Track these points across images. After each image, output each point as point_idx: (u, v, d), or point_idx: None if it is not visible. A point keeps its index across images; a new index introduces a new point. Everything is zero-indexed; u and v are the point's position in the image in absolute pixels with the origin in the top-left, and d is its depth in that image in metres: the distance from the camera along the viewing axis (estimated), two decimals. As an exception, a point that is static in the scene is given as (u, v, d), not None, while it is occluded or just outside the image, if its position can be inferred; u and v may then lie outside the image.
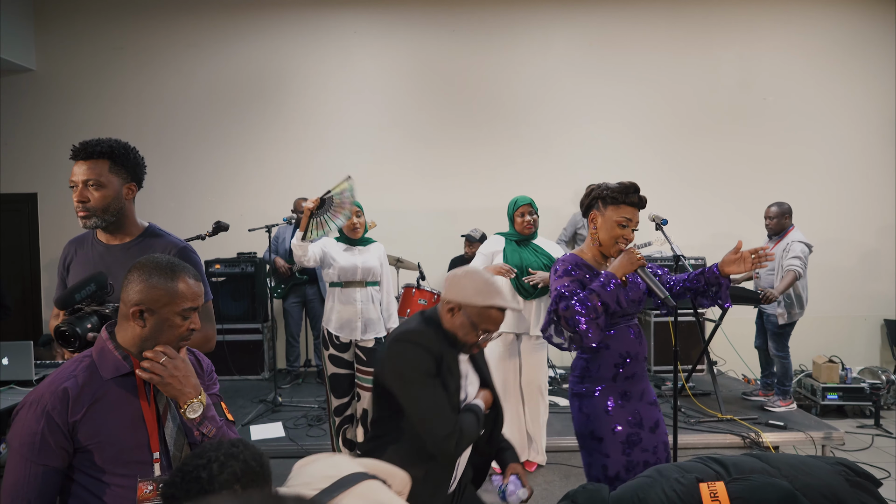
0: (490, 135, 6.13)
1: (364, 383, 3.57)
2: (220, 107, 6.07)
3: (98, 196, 1.88)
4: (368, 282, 3.54)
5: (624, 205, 2.26)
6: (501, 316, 1.86)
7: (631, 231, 2.29)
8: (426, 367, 1.77)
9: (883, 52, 6.10)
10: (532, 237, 3.67)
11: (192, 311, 1.52)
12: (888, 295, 6.15)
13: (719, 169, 6.14)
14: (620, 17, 6.09)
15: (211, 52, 6.06)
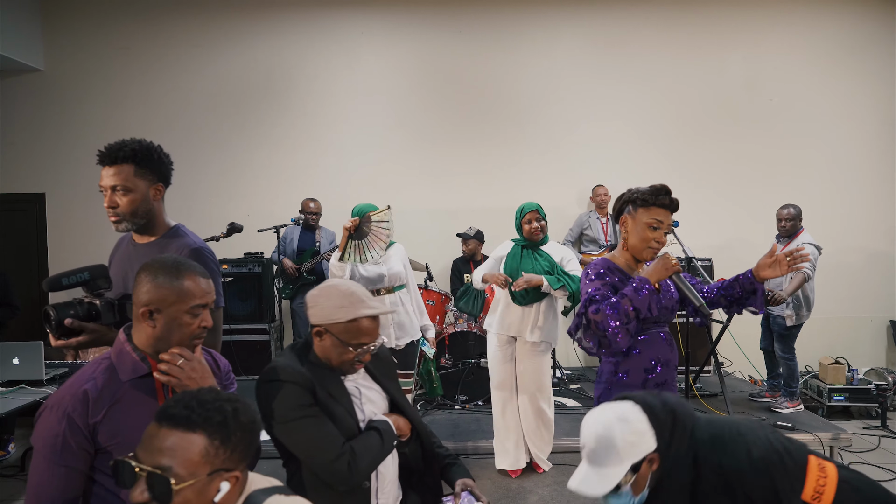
0: (495, 135, 6.14)
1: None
2: (227, 107, 6.08)
3: (126, 201, 1.88)
4: (396, 287, 3.54)
5: (654, 206, 2.23)
6: (372, 325, 1.73)
7: (663, 234, 2.25)
8: (297, 402, 1.64)
9: (884, 54, 6.10)
10: (541, 243, 3.63)
11: (202, 309, 1.52)
12: (893, 296, 6.15)
13: (724, 170, 6.14)
14: (625, 18, 6.10)
15: (217, 52, 6.07)
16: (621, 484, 1.47)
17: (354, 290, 1.74)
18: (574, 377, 5.71)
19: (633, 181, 6.03)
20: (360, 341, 1.72)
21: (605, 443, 1.48)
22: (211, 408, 1.15)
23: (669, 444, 1.50)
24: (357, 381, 1.82)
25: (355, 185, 6.00)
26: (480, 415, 4.69)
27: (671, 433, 1.51)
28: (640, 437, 1.48)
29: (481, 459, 4.04)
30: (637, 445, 1.48)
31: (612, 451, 1.47)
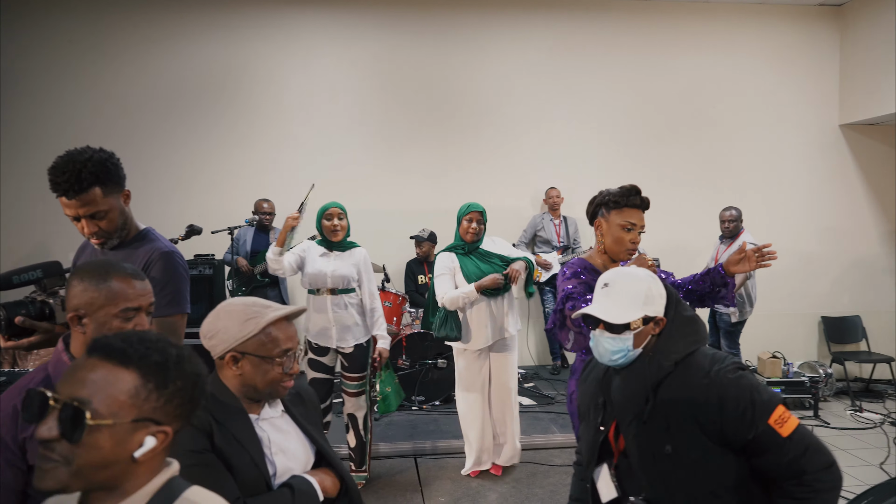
0: (452, 136, 6.18)
1: (347, 388, 3.57)
2: (177, 104, 5.89)
3: (105, 223, 1.83)
4: (340, 289, 3.49)
5: (626, 208, 2.29)
6: (288, 328, 1.52)
7: (637, 234, 2.31)
8: (187, 446, 1.37)
9: (824, 64, 6.46)
10: (476, 244, 3.61)
11: (134, 312, 1.45)
12: (824, 293, 6.53)
13: (671, 173, 6.37)
14: (577, 23, 6.24)
15: (168, 47, 5.88)
16: (631, 326, 1.56)
17: (252, 301, 1.52)
18: (528, 375, 5.82)
19: (586, 183, 6.21)
20: (282, 349, 1.48)
21: (637, 285, 1.59)
22: (152, 347, 0.99)
23: (673, 328, 1.59)
24: (275, 424, 1.53)
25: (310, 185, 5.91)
26: (438, 415, 4.72)
27: (678, 323, 1.60)
28: (662, 299, 1.61)
29: (440, 460, 4.07)
30: (657, 302, 1.59)
31: (640, 293, 1.58)
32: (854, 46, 6.26)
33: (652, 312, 1.58)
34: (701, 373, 1.50)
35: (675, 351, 1.56)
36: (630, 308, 1.57)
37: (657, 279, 1.62)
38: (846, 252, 6.54)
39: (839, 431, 5.20)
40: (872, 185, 6.54)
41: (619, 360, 1.59)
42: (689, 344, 1.57)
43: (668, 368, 1.54)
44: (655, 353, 1.57)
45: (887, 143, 6.54)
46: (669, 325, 1.60)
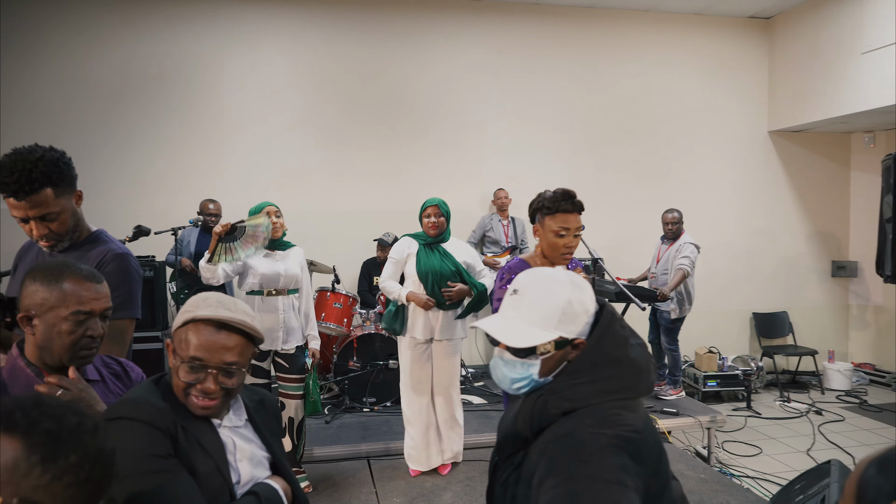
0: (402, 136, 6.18)
1: (288, 391, 3.51)
2: (119, 102, 5.65)
3: (57, 224, 1.75)
4: (290, 289, 3.46)
5: (559, 213, 2.34)
6: (212, 335, 1.29)
7: (572, 238, 2.35)
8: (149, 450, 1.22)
9: (757, 75, 6.82)
10: (441, 239, 3.64)
11: (85, 316, 1.40)
12: (755, 290, 6.89)
13: (615, 175, 6.58)
14: (527, 26, 6.36)
15: (105, 40, 5.63)
16: (536, 351, 1.19)
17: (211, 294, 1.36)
18: (478, 374, 5.89)
19: (533, 184, 6.32)
20: (190, 354, 1.28)
21: (553, 296, 1.21)
22: (48, 412, 0.84)
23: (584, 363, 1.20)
24: (237, 430, 1.41)
25: (259, 186, 5.80)
26: (389, 416, 4.72)
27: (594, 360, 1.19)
28: (585, 316, 1.21)
29: (394, 460, 4.07)
30: (579, 320, 1.20)
31: (556, 308, 1.19)
32: (782, 57, 6.64)
33: (570, 333, 1.19)
34: (563, 430, 1.12)
35: (572, 398, 1.15)
36: (539, 326, 1.19)
37: (586, 290, 1.24)
38: (775, 252, 6.93)
39: (769, 421, 5.51)
40: (798, 189, 6.95)
41: (521, 390, 1.23)
42: (592, 394, 1.15)
43: (553, 416, 1.15)
44: (546, 392, 1.19)
45: (813, 149, 6.96)
46: (583, 357, 1.19)
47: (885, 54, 5.37)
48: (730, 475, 4.24)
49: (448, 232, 3.69)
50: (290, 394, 3.50)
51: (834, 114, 5.94)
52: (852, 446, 4.85)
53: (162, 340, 5.26)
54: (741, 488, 3.77)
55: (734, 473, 4.34)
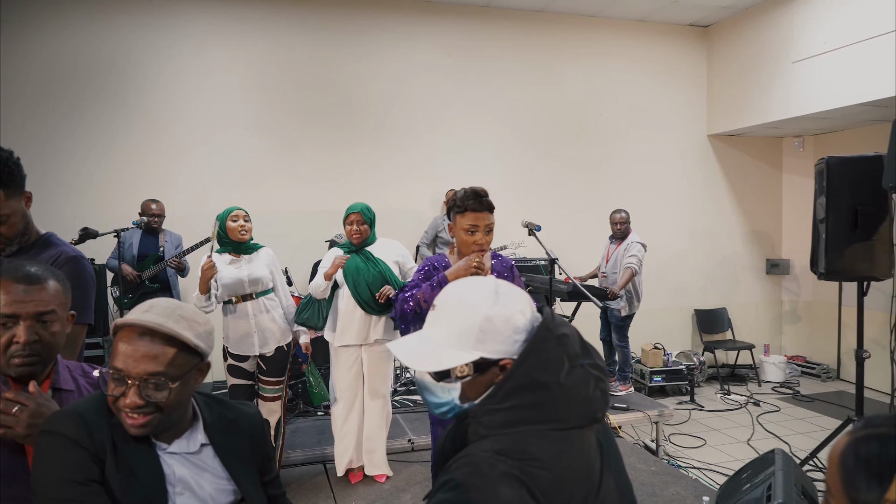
0: (353, 137, 6.12)
1: (264, 393, 3.47)
2: (57, 98, 5.35)
3: (6, 227, 1.68)
4: (259, 293, 3.39)
5: (468, 212, 2.39)
6: (134, 342, 1.16)
7: (482, 236, 2.40)
8: (66, 474, 1.10)
9: (697, 80, 7.10)
10: (365, 244, 3.54)
11: (11, 320, 1.34)
12: (696, 288, 7.17)
13: (565, 176, 6.71)
14: (477, 28, 6.41)
15: (45, 35, 5.33)
16: (453, 374, 1.06)
17: (156, 300, 1.24)
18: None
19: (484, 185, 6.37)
20: (113, 364, 1.17)
21: (470, 315, 1.06)
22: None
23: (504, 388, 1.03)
24: (187, 457, 1.26)
25: (204, 186, 5.62)
26: (345, 419, 4.66)
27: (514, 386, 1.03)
28: (512, 332, 1.06)
29: (351, 463, 4.03)
30: (500, 338, 1.06)
31: (472, 328, 1.05)
32: (719, 64, 6.94)
33: (493, 353, 1.05)
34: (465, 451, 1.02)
35: (488, 424, 1.02)
36: (455, 347, 1.06)
37: (513, 302, 1.08)
38: (713, 250, 7.22)
39: (712, 413, 5.74)
40: (736, 191, 7.28)
41: (447, 416, 1.11)
42: (509, 422, 1.01)
43: (470, 442, 1.04)
44: (470, 416, 1.06)
45: (749, 152, 7.30)
46: (506, 379, 1.03)
47: (812, 64, 5.69)
48: (678, 466, 4.40)
49: (373, 235, 3.57)
50: (266, 395, 3.51)
51: (766, 119, 6.25)
52: (788, 435, 5.12)
53: (103, 347, 5.04)
54: (690, 479, 3.92)
55: (681, 465, 4.50)
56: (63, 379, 1.46)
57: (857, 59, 5.24)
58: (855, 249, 3.67)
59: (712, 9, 6.47)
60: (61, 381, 1.45)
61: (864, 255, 3.67)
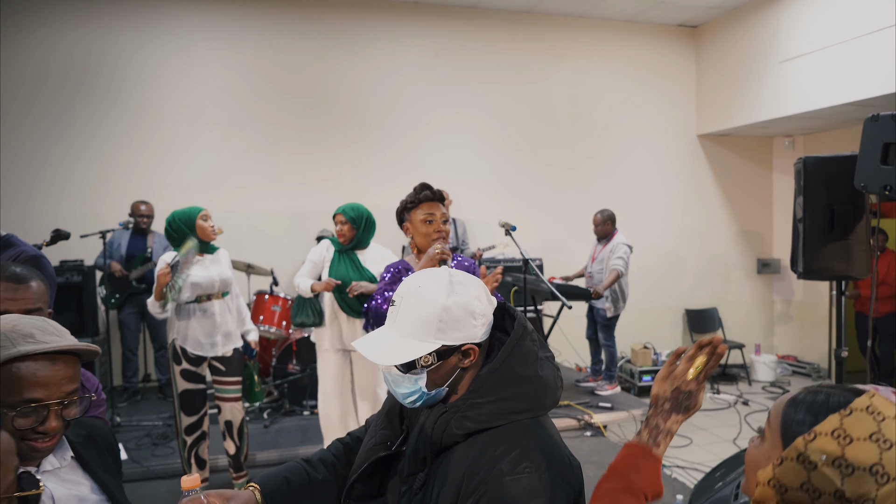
0: (340, 137, 6.15)
1: (225, 394, 3.46)
2: (45, 102, 5.40)
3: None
4: (225, 293, 3.42)
5: (422, 203, 2.45)
6: (48, 368, 1.11)
7: (440, 223, 2.45)
8: None
9: (686, 80, 7.11)
10: (355, 247, 3.47)
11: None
12: (686, 288, 7.18)
13: (551, 177, 6.73)
14: (465, 29, 6.43)
15: (31, 35, 5.38)
16: (417, 365, 1.12)
17: (17, 323, 1.15)
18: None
19: (473, 186, 6.42)
20: (23, 397, 1.10)
21: (428, 304, 1.12)
22: None
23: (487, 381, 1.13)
24: (61, 476, 1.21)
25: (193, 187, 5.66)
26: (330, 418, 4.69)
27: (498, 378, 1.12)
28: (468, 318, 1.12)
29: (333, 462, 4.05)
30: (461, 325, 1.12)
31: (431, 316, 1.11)
32: (709, 64, 6.95)
33: (454, 340, 1.11)
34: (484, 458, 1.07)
35: (476, 418, 1.10)
36: (416, 338, 1.11)
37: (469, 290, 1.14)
38: (704, 250, 7.23)
39: (699, 412, 5.74)
40: (725, 190, 7.28)
41: (416, 404, 1.16)
42: (496, 415, 1.10)
43: (457, 437, 1.10)
44: (450, 410, 1.12)
45: (738, 152, 7.31)
46: (485, 376, 1.13)
47: (800, 63, 5.70)
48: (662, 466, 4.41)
49: (366, 240, 3.49)
50: (226, 396, 3.46)
51: (755, 119, 6.26)
52: (774, 434, 5.11)
53: (91, 348, 5.07)
54: (669, 478, 3.93)
55: (665, 464, 4.51)
56: None
57: (843, 58, 5.25)
58: (832, 249, 3.67)
59: (700, 9, 6.49)
60: None
61: (841, 255, 3.66)
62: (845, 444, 0.83)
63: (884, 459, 0.81)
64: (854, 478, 0.82)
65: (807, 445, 0.86)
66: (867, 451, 0.82)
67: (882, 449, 0.82)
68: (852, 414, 0.85)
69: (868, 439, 0.83)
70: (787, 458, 0.87)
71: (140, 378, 5.36)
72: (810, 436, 0.86)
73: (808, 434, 0.86)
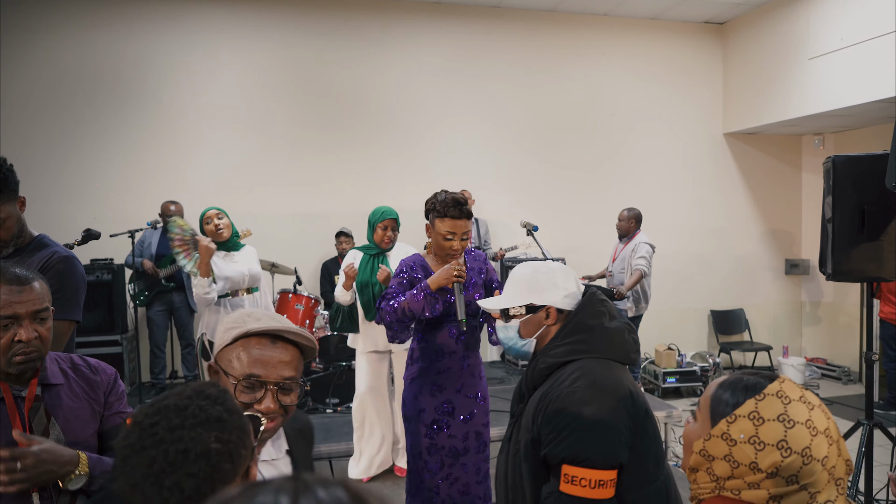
0: (359, 138, 6.19)
1: None
2: (73, 101, 5.55)
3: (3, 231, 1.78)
4: (253, 288, 3.49)
5: (447, 218, 2.44)
6: (267, 349, 1.19)
7: (458, 242, 2.47)
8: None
9: (712, 78, 7.00)
10: (388, 250, 3.58)
11: (8, 321, 1.38)
12: (712, 289, 7.07)
13: (574, 176, 6.68)
14: (486, 29, 6.43)
15: (61, 39, 5.52)
16: (511, 313, 1.55)
17: (254, 310, 1.30)
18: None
19: (495, 185, 6.41)
20: (246, 371, 1.18)
21: (522, 271, 1.59)
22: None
23: (564, 331, 1.50)
24: (274, 463, 1.28)
25: (215, 187, 5.75)
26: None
27: (571, 328, 1.50)
28: (551, 286, 1.53)
29: (355, 460, 4.09)
30: (548, 291, 1.53)
31: (523, 279, 1.56)
32: (735, 61, 6.84)
33: (539, 301, 1.53)
34: (557, 383, 1.43)
35: (552, 356, 1.49)
36: (511, 295, 1.56)
37: (558, 271, 1.57)
38: (730, 251, 7.12)
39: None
40: (752, 190, 7.16)
41: (511, 351, 1.60)
42: (568, 352, 1.47)
43: (541, 372, 1.49)
44: (538, 353, 1.55)
45: (765, 150, 7.18)
46: (563, 327, 1.52)
47: (830, 60, 5.58)
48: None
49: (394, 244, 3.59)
50: None
51: (784, 117, 6.14)
52: (802, 438, 5.02)
53: (121, 344, 5.19)
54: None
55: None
56: (52, 374, 1.51)
57: (875, 54, 5.12)
58: (862, 250, 3.60)
59: (726, 5, 6.39)
60: (49, 377, 1.50)
61: (872, 256, 3.59)
62: (759, 424, 1.00)
63: (788, 436, 0.98)
64: (765, 452, 0.98)
65: (729, 426, 1.02)
66: (775, 430, 0.99)
67: (786, 427, 0.99)
68: (765, 398, 1.01)
69: (776, 420, 0.99)
70: (714, 435, 1.03)
71: (167, 375, 5.46)
72: (731, 418, 1.02)
73: (730, 416, 1.02)
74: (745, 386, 1.04)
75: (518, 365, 6.06)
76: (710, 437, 1.03)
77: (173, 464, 0.82)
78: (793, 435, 0.98)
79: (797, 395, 1.02)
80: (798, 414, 0.99)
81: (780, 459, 0.98)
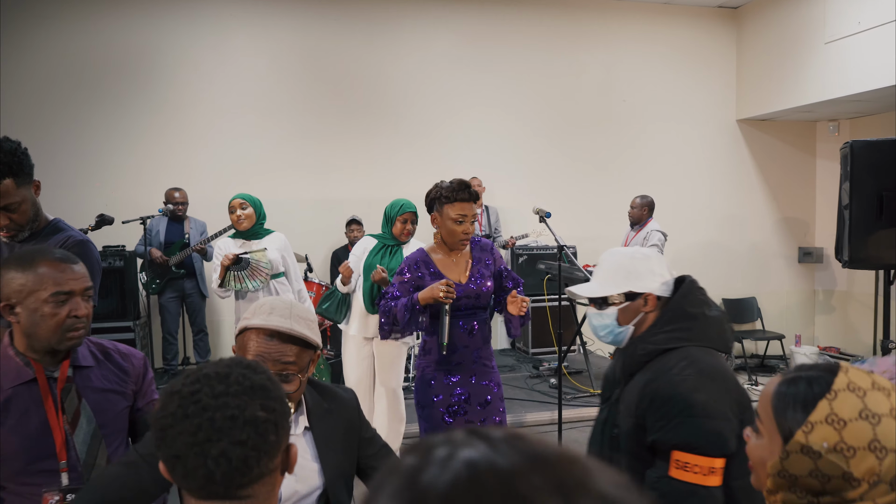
0: (372, 125, 6.17)
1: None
2: (83, 89, 5.55)
3: (18, 215, 1.80)
4: (273, 275, 3.48)
5: (457, 202, 2.46)
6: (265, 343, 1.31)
7: (469, 225, 2.49)
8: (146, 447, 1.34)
9: (725, 64, 6.91)
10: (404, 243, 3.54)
11: (66, 296, 1.42)
12: (724, 277, 7.01)
13: (585, 164, 6.63)
14: (499, 16, 6.36)
15: (72, 26, 5.51)
16: (609, 301, 1.51)
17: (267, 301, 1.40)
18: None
19: (506, 173, 6.38)
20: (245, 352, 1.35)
21: (618, 259, 1.55)
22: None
23: (664, 318, 1.48)
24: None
25: (226, 174, 5.75)
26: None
27: (671, 315, 1.48)
28: (649, 273, 1.51)
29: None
30: (647, 278, 1.50)
31: (620, 267, 1.52)
32: (749, 46, 6.74)
33: (638, 288, 1.50)
34: (664, 369, 1.42)
35: (653, 342, 1.46)
36: (607, 282, 1.52)
37: (652, 259, 1.55)
38: (743, 238, 7.05)
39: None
40: (766, 177, 7.08)
41: (608, 338, 1.56)
42: (670, 339, 1.45)
43: (641, 358, 1.47)
44: (636, 340, 1.51)
45: (779, 137, 7.08)
46: (663, 313, 1.49)
47: (847, 44, 5.48)
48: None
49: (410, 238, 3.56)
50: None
51: (799, 102, 6.05)
52: (815, 426, 4.99)
53: (134, 331, 5.22)
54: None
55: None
56: (82, 356, 1.55)
57: (892, 39, 5.03)
58: (879, 236, 3.56)
59: (741, -10, 6.29)
60: (80, 359, 1.54)
61: (890, 243, 3.55)
62: (841, 427, 0.87)
63: (878, 434, 0.86)
64: (857, 458, 0.86)
65: (807, 437, 0.89)
66: (862, 430, 0.86)
67: (873, 424, 0.86)
68: (837, 396, 0.89)
69: (859, 418, 0.87)
70: (791, 451, 0.90)
71: (179, 361, 5.49)
72: (807, 427, 0.89)
73: (805, 426, 0.89)
74: (811, 388, 0.91)
75: (528, 353, 6.05)
76: (787, 455, 0.91)
77: (220, 430, 0.79)
78: (883, 431, 0.86)
79: (868, 384, 0.89)
80: (879, 405, 0.87)
81: (877, 462, 0.85)
